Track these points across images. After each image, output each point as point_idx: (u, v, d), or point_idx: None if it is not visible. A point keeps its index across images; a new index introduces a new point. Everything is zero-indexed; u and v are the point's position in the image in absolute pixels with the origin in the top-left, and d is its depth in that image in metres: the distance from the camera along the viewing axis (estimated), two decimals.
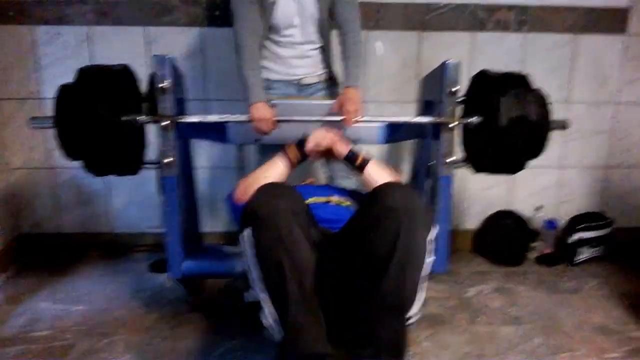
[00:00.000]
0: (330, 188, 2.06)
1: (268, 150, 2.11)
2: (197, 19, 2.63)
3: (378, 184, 1.68)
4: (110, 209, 2.87)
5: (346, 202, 1.87)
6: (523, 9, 2.69)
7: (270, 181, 1.53)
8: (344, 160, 1.82)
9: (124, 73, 1.87)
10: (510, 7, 2.69)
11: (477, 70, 1.97)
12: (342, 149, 1.82)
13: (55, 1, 2.57)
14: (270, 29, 2.21)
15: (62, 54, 2.65)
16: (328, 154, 1.86)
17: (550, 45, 2.76)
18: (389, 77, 2.77)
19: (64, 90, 1.77)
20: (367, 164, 1.78)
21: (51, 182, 2.80)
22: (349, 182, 2.31)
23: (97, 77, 1.78)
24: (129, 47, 2.64)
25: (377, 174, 1.76)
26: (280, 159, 1.79)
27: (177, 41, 2.66)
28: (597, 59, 2.81)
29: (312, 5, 2.18)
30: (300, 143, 1.81)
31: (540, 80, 1.90)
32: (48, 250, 2.81)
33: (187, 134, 2.12)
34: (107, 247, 2.86)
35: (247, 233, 1.36)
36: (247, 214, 1.36)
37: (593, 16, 2.72)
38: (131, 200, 2.84)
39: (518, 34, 2.73)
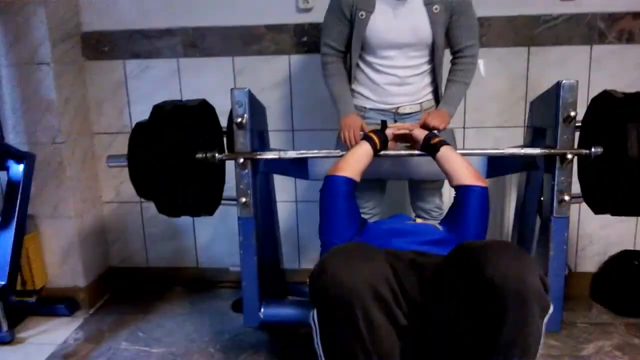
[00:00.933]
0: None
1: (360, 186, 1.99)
2: (285, 47, 2.53)
3: (453, 171, 1.63)
4: (197, 243, 2.81)
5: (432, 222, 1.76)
6: None
7: (351, 171, 1.57)
8: (423, 144, 1.74)
9: (202, 108, 1.78)
10: (635, 15, 2.32)
11: (595, 90, 1.68)
12: (421, 132, 1.78)
13: (145, 35, 2.58)
14: (364, 49, 2.03)
15: (152, 87, 2.63)
16: (408, 140, 1.83)
17: None
18: (493, 99, 2.49)
19: (138, 128, 1.71)
20: (444, 144, 1.70)
21: (140, 215, 2.79)
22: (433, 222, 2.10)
23: (171, 114, 1.69)
24: (218, 78, 2.58)
25: (454, 158, 1.67)
26: (364, 142, 1.72)
27: (264, 70, 2.57)
28: None
29: (424, 27, 1.95)
30: (382, 129, 1.78)
31: None
32: (136, 284, 2.80)
33: (266, 169, 1.99)
34: (192, 282, 2.80)
35: (315, 315, 1.14)
36: (315, 289, 1.13)
37: None
38: (217, 235, 2.76)
39: None
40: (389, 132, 1.79)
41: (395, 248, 1.41)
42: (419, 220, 1.73)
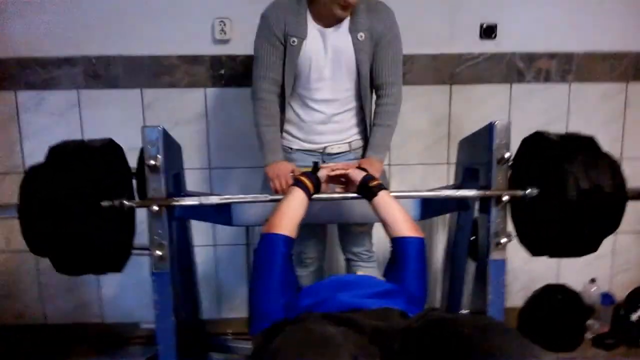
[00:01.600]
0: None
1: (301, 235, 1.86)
2: (200, 79, 2.37)
3: (390, 220, 1.50)
4: (102, 294, 2.54)
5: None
6: (567, 57, 2.41)
7: (290, 228, 1.40)
8: (359, 186, 1.60)
9: (107, 149, 1.56)
10: (552, 55, 2.41)
11: (516, 128, 1.65)
12: (357, 173, 1.63)
13: (41, 63, 2.33)
14: (295, 81, 1.90)
15: (48, 122, 2.38)
16: (342, 182, 1.70)
17: (599, 97, 2.45)
18: (416, 137, 2.47)
19: (32, 173, 1.46)
20: (382, 189, 1.56)
21: (35, 266, 2.48)
22: (370, 270, 2.03)
23: (70, 156, 1.46)
24: (124, 112, 2.37)
25: (392, 205, 1.54)
26: (297, 189, 1.52)
27: (177, 104, 2.39)
28: None
29: (349, 56, 1.86)
30: (314, 171, 1.64)
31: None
32: (31, 345, 2.47)
33: (184, 215, 1.80)
34: (97, 340, 2.51)
35: None
36: None
37: None
38: (125, 285, 2.51)
39: (562, 85, 2.44)
40: (322, 173, 1.65)
41: (345, 306, 1.27)
42: (359, 272, 1.60)
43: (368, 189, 1.58)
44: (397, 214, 1.53)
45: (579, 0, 2.38)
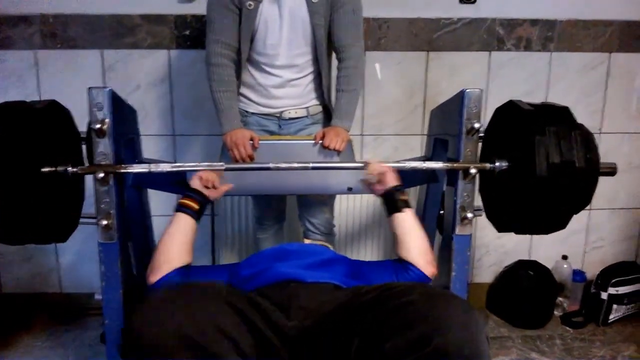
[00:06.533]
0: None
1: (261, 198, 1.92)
2: (164, 40, 2.25)
3: (406, 242, 1.40)
4: (60, 264, 2.46)
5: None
6: (549, 24, 2.31)
7: (176, 260, 1.37)
8: (385, 193, 1.48)
9: (51, 111, 1.45)
10: (533, 22, 2.30)
11: (494, 98, 1.59)
12: (392, 179, 1.49)
13: None
14: (252, 45, 1.82)
15: (5, 84, 2.26)
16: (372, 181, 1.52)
17: (580, 67, 2.37)
18: (391, 105, 2.37)
19: None
20: (407, 206, 1.45)
21: None
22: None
23: (8, 117, 1.35)
24: (84, 75, 2.26)
25: (413, 227, 1.44)
26: (180, 215, 1.43)
27: (140, 66, 2.27)
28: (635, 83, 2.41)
29: (304, 20, 1.78)
30: (187, 186, 1.49)
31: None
32: None
33: (137, 183, 1.70)
34: (55, 310, 2.43)
35: None
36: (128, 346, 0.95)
37: (631, 32, 2.33)
38: (83, 254, 2.43)
39: (543, 54, 2.34)
40: (194, 182, 1.48)
41: (282, 276, 1.24)
42: (307, 241, 1.53)
43: (393, 201, 1.46)
44: (413, 241, 1.43)
45: None
